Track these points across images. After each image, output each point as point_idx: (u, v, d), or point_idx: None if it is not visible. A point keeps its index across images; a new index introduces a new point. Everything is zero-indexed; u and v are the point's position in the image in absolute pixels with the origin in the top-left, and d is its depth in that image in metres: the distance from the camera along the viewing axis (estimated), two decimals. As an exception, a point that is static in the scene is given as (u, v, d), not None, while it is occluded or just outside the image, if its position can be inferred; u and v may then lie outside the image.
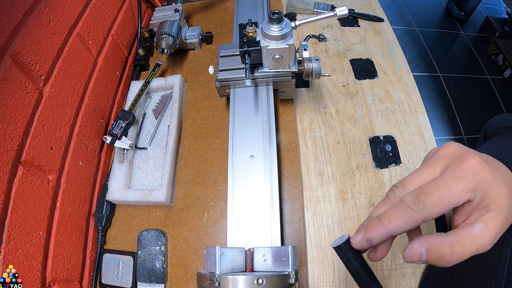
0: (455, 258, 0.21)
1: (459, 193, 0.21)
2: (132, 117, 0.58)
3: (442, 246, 0.21)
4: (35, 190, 0.43)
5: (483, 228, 0.21)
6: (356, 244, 0.24)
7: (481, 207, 0.22)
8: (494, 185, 0.21)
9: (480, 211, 0.22)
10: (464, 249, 0.21)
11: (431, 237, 0.22)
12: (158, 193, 0.53)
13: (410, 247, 0.22)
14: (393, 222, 0.22)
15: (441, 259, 0.21)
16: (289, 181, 0.54)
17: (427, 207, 0.21)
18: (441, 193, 0.21)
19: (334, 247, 0.26)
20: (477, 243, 0.21)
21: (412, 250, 0.22)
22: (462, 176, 0.21)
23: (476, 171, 0.21)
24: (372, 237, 0.23)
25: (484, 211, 0.22)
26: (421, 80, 1.63)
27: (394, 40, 0.69)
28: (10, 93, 0.40)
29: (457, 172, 0.22)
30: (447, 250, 0.21)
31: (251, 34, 0.46)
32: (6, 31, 0.40)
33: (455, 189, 0.21)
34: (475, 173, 0.21)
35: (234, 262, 0.34)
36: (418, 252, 0.22)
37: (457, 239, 0.21)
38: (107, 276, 0.51)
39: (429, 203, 0.21)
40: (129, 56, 0.73)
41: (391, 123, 0.57)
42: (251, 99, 0.52)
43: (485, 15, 1.88)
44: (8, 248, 0.37)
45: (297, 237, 0.50)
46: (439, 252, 0.21)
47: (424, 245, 0.22)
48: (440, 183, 0.22)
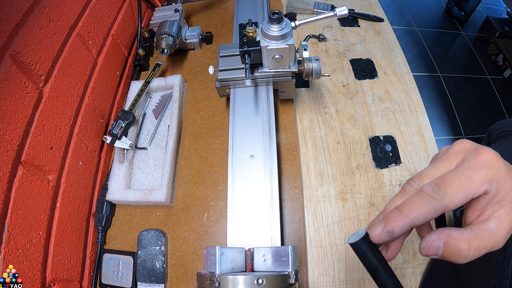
0: (472, 254, 0.21)
1: (478, 182, 0.21)
2: (132, 117, 0.58)
3: (460, 240, 0.21)
4: (35, 190, 0.43)
5: (497, 224, 0.21)
6: (376, 237, 0.23)
7: (495, 201, 0.22)
8: (508, 179, 0.21)
9: (494, 206, 0.22)
10: (481, 245, 0.21)
11: (449, 230, 0.21)
12: (158, 193, 0.53)
13: (428, 239, 0.21)
14: (414, 212, 0.21)
15: (457, 254, 0.21)
16: (289, 181, 0.54)
17: (448, 195, 0.21)
18: (461, 181, 0.21)
19: (350, 244, 0.24)
20: (493, 239, 0.21)
21: (429, 243, 0.21)
22: (480, 167, 0.21)
23: (493, 162, 0.21)
24: (394, 228, 0.22)
25: (498, 206, 0.21)
26: (421, 80, 1.63)
27: (394, 40, 0.69)
28: (10, 93, 0.40)
29: (474, 163, 0.22)
30: (465, 245, 0.21)
31: (251, 34, 0.46)
32: (6, 31, 0.40)
33: (475, 178, 0.21)
34: (492, 165, 0.21)
35: (234, 262, 0.34)
36: (436, 245, 0.21)
37: (475, 234, 0.21)
38: (107, 276, 0.51)
39: (449, 192, 0.21)
40: (129, 56, 0.73)
41: (391, 123, 0.57)
42: (251, 99, 0.52)
43: (485, 15, 1.88)
44: (8, 248, 0.37)
45: (297, 237, 0.50)
46: (457, 247, 0.21)
47: (442, 238, 0.21)
48: (460, 172, 0.22)
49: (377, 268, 0.23)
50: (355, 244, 0.24)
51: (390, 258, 0.26)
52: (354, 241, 0.24)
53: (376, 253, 0.24)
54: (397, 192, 0.25)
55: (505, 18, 1.88)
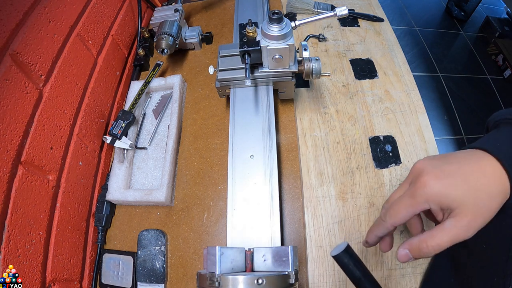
0: (432, 250, 0.27)
1: (414, 206, 0.28)
2: (132, 117, 0.58)
3: (419, 243, 0.28)
4: (35, 190, 0.43)
5: (452, 222, 0.26)
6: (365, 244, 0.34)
7: (444, 209, 0.27)
8: (446, 192, 0.26)
9: (446, 212, 0.27)
10: (437, 241, 0.26)
11: (411, 239, 0.28)
12: (158, 193, 0.53)
13: (399, 252, 0.29)
14: (374, 231, 0.33)
15: (421, 252, 0.27)
16: (289, 181, 0.54)
17: (391, 217, 0.30)
18: (399, 206, 0.29)
19: (333, 256, 0.28)
20: (450, 234, 0.26)
21: (400, 253, 0.29)
22: (414, 193, 0.28)
23: (426, 186, 0.27)
24: (368, 240, 0.34)
25: (448, 211, 0.27)
26: (421, 80, 1.62)
27: (394, 40, 0.69)
28: (10, 93, 0.40)
29: (412, 190, 0.29)
30: (423, 245, 0.27)
31: (251, 34, 0.46)
32: (6, 31, 0.40)
33: (410, 203, 0.28)
34: (425, 188, 0.27)
35: (234, 262, 0.34)
36: (404, 253, 0.29)
37: (430, 234, 0.27)
38: (107, 276, 0.51)
39: (390, 214, 0.30)
40: (129, 56, 0.73)
41: (391, 123, 0.57)
42: (251, 99, 0.52)
43: (485, 15, 1.88)
44: (8, 248, 0.37)
45: (297, 237, 0.50)
46: (418, 248, 0.28)
47: (406, 247, 0.29)
48: (401, 198, 0.29)
49: (360, 278, 0.28)
50: (338, 256, 0.28)
51: (386, 249, 0.34)
52: (336, 254, 0.28)
53: (358, 264, 0.29)
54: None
55: (505, 18, 1.88)
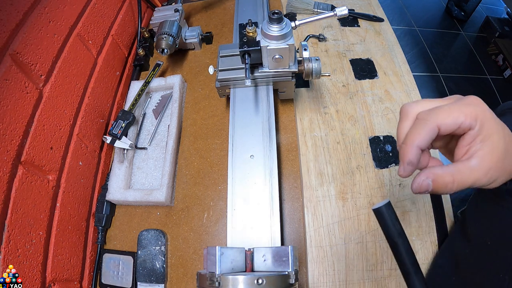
0: (456, 186, 0.24)
1: (465, 114, 0.24)
2: (132, 117, 0.58)
3: (445, 176, 0.25)
4: (35, 190, 0.43)
5: (478, 161, 0.24)
6: (404, 173, 0.27)
7: (478, 140, 0.24)
8: (491, 121, 0.24)
9: (477, 145, 0.25)
10: (463, 179, 0.24)
11: (435, 169, 0.25)
12: (158, 193, 0.53)
13: (418, 180, 0.25)
14: (416, 138, 0.25)
15: (444, 187, 0.25)
16: (289, 181, 0.54)
17: (440, 117, 0.24)
18: (451, 110, 0.25)
19: (374, 209, 0.26)
20: (474, 175, 0.24)
21: (420, 182, 0.25)
22: (469, 103, 0.25)
23: (480, 104, 0.25)
24: (410, 158, 0.26)
25: (480, 145, 0.24)
26: (421, 80, 1.63)
27: (394, 40, 0.69)
28: (10, 93, 0.40)
29: (464, 100, 0.25)
30: (449, 178, 0.24)
31: (251, 34, 0.46)
32: (6, 31, 0.40)
33: (463, 109, 0.24)
34: (479, 105, 0.25)
35: (234, 262, 0.34)
36: (426, 183, 0.25)
37: (457, 169, 0.24)
38: (107, 276, 0.51)
39: (441, 115, 0.25)
40: (129, 56, 0.73)
41: (391, 123, 0.57)
42: (251, 99, 0.52)
43: (485, 15, 1.88)
44: (8, 248, 0.37)
45: (297, 237, 0.50)
46: (443, 181, 0.25)
47: (430, 177, 0.25)
48: (451, 104, 0.25)
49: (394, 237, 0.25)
50: (379, 209, 0.26)
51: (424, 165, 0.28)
52: (377, 207, 0.26)
53: (395, 222, 0.26)
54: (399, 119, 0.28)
55: (505, 18, 1.88)
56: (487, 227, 0.35)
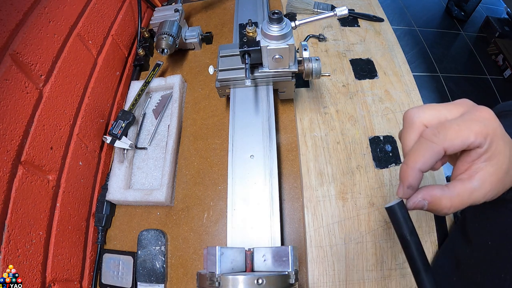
0: (452, 210, 0.23)
1: (476, 133, 0.22)
2: (132, 117, 0.58)
3: (443, 199, 0.23)
4: (35, 190, 0.43)
5: (480, 184, 0.23)
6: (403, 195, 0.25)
7: (483, 158, 0.23)
8: (500, 140, 0.23)
9: (481, 164, 0.23)
10: (461, 201, 0.23)
11: (433, 190, 0.24)
12: (158, 193, 0.53)
13: (414, 199, 0.24)
14: (419, 161, 0.23)
15: (439, 210, 0.24)
16: (289, 181, 0.54)
17: (448, 139, 0.22)
18: (461, 128, 0.22)
19: (386, 208, 0.26)
20: (473, 197, 0.23)
21: (416, 202, 0.24)
22: (481, 120, 0.23)
23: (491, 120, 0.23)
24: (410, 182, 0.24)
25: (484, 165, 0.23)
26: (421, 80, 1.63)
27: (394, 40, 0.69)
28: (10, 93, 0.40)
29: (475, 115, 0.23)
30: (447, 203, 0.23)
31: (251, 34, 0.46)
32: (6, 31, 0.40)
33: (474, 128, 0.22)
34: (490, 122, 0.23)
35: (234, 262, 0.34)
36: (421, 204, 0.24)
37: (457, 193, 0.23)
38: (107, 276, 0.51)
39: (449, 135, 0.22)
40: (129, 56, 0.73)
41: (391, 123, 0.57)
42: (251, 99, 0.52)
43: (485, 15, 1.88)
44: (8, 248, 0.37)
45: (297, 237, 0.50)
46: (439, 205, 0.23)
47: (427, 199, 0.24)
48: (460, 120, 0.23)
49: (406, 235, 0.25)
50: (392, 208, 0.26)
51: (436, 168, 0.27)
52: (390, 205, 0.26)
53: (408, 220, 0.25)
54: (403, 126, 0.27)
55: (505, 18, 1.88)
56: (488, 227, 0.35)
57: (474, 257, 0.36)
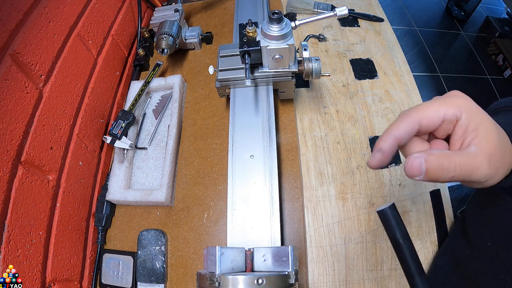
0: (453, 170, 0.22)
1: (447, 105, 0.24)
2: (132, 117, 0.58)
3: (441, 156, 0.22)
4: (35, 190, 0.43)
5: (477, 148, 0.23)
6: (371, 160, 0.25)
7: (470, 129, 0.23)
8: (478, 111, 0.24)
9: (471, 134, 0.23)
10: (462, 163, 0.22)
11: (431, 150, 0.23)
12: (158, 193, 0.53)
13: (410, 158, 0.23)
14: (394, 128, 0.24)
15: (440, 171, 0.22)
16: (289, 181, 0.54)
17: (420, 110, 0.24)
18: (432, 102, 0.24)
19: (378, 211, 0.26)
20: (474, 161, 0.22)
21: (411, 162, 0.22)
22: (450, 96, 0.25)
23: (461, 95, 0.25)
24: (382, 146, 0.24)
25: (474, 133, 0.23)
26: (421, 80, 1.63)
27: (394, 40, 0.69)
28: (10, 93, 0.40)
29: (446, 95, 0.25)
30: (445, 160, 0.22)
31: (251, 34, 0.46)
32: (6, 31, 0.40)
33: (445, 101, 0.24)
34: (459, 96, 0.24)
35: (234, 262, 0.34)
36: (417, 162, 0.22)
37: (455, 153, 0.23)
38: (107, 276, 0.51)
39: (421, 108, 0.24)
40: (129, 56, 0.73)
41: (391, 123, 0.57)
42: (251, 99, 0.52)
43: (485, 15, 1.88)
44: (8, 248, 0.37)
45: (297, 237, 0.50)
46: (437, 162, 0.22)
47: (423, 156, 0.22)
48: (432, 100, 0.25)
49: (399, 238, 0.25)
50: (383, 211, 0.25)
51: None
52: (382, 209, 0.25)
53: (400, 223, 0.25)
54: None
55: (505, 18, 1.88)
56: (487, 228, 0.35)
57: (474, 258, 0.36)
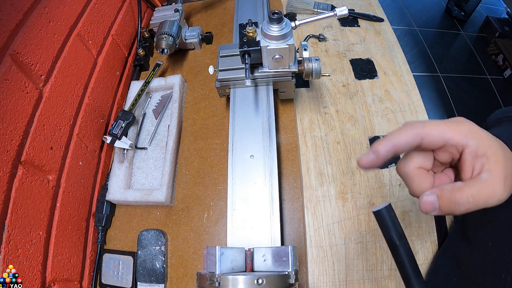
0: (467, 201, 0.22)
1: (453, 130, 0.24)
2: (132, 117, 0.58)
3: (453, 191, 0.22)
4: (35, 190, 0.43)
5: (489, 174, 0.22)
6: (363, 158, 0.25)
7: (480, 155, 0.23)
8: (484, 136, 0.24)
9: (481, 159, 0.23)
10: (475, 193, 0.22)
11: (442, 185, 0.23)
12: (158, 193, 0.53)
13: (423, 196, 0.23)
14: (396, 136, 0.24)
15: (453, 204, 0.22)
16: (289, 181, 0.54)
17: (426, 127, 0.24)
18: (439, 124, 0.24)
19: (374, 212, 0.26)
20: (488, 187, 0.22)
21: (425, 200, 0.23)
22: (456, 122, 0.25)
23: (467, 122, 0.25)
24: (379, 149, 0.25)
25: (485, 158, 0.23)
26: (421, 80, 1.62)
27: (394, 40, 0.69)
28: (10, 93, 0.40)
29: (452, 119, 0.25)
30: (458, 194, 0.22)
31: (251, 34, 0.46)
32: (6, 31, 0.40)
33: (451, 126, 0.24)
34: (466, 123, 0.24)
35: (234, 262, 0.34)
36: (430, 200, 0.23)
37: (467, 185, 0.22)
38: (107, 276, 0.51)
39: (428, 126, 0.24)
40: (129, 56, 0.73)
41: (391, 123, 0.57)
42: (251, 99, 0.52)
43: (485, 15, 1.88)
44: (8, 248, 0.37)
45: (297, 237, 0.50)
46: (450, 197, 0.22)
47: (436, 192, 0.23)
48: (439, 121, 0.25)
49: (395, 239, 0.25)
50: (379, 212, 0.25)
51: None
52: (378, 209, 0.25)
53: (397, 224, 0.25)
54: None
55: (505, 18, 1.88)
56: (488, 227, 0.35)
57: (474, 258, 0.36)
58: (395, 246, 0.25)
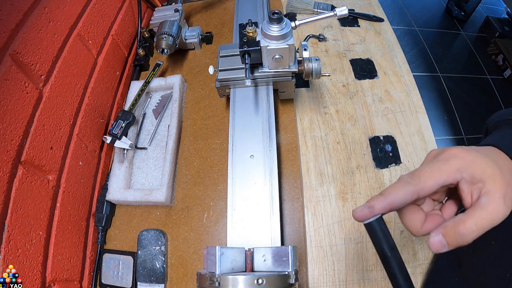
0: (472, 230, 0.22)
1: (446, 172, 0.24)
2: (132, 117, 0.58)
3: (456, 225, 0.23)
4: (35, 190, 0.43)
5: (488, 197, 0.23)
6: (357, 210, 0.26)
7: (476, 181, 0.24)
8: (476, 162, 0.24)
9: (478, 185, 0.24)
10: (477, 220, 0.22)
11: (444, 223, 0.24)
12: (158, 193, 0.53)
13: (430, 239, 0.24)
14: (392, 193, 0.25)
15: (459, 237, 0.23)
16: (289, 181, 0.54)
17: (422, 181, 0.24)
18: (432, 170, 0.25)
19: (365, 224, 0.26)
20: (489, 212, 0.22)
21: (432, 241, 0.24)
22: (448, 159, 0.25)
23: (457, 155, 0.25)
24: (374, 205, 0.25)
25: (482, 183, 0.24)
26: (421, 80, 1.62)
27: (394, 40, 0.69)
28: (10, 93, 0.40)
29: (443, 156, 0.26)
30: (460, 227, 0.23)
31: (251, 34, 0.46)
32: (6, 31, 0.40)
33: (443, 168, 0.25)
34: (456, 157, 0.25)
35: (234, 262, 0.34)
36: (437, 240, 0.23)
37: (468, 215, 0.23)
38: (107, 276, 0.51)
39: (422, 178, 0.25)
40: (129, 56, 0.73)
41: (391, 123, 0.57)
42: (251, 99, 0.52)
43: (485, 15, 1.88)
44: (8, 248, 0.37)
45: (297, 237, 0.50)
46: (454, 232, 0.23)
47: (440, 231, 0.24)
48: (431, 164, 0.26)
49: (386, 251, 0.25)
50: (370, 224, 0.25)
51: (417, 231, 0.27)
52: (369, 221, 0.25)
53: (388, 236, 0.25)
54: None
55: (505, 18, 1.88)
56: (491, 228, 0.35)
57: (477, 257, 0.36)
58: (387, 257, 0.25)
